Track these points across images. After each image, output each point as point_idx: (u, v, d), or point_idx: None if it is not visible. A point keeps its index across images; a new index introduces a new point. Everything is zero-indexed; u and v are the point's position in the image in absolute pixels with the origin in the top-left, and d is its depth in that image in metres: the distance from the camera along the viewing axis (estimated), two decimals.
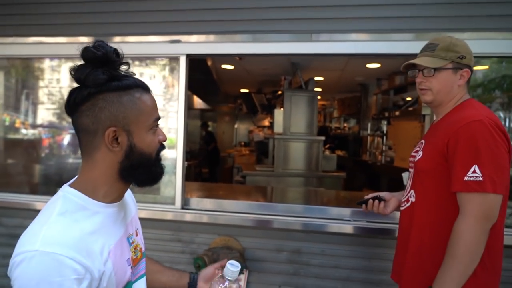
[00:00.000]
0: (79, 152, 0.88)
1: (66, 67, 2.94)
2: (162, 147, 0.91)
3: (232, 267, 0.87)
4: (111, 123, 0.82)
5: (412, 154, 1.53)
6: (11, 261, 0.75)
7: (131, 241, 0.94)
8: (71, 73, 0.82)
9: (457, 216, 1.29)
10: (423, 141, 1.48)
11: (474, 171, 1.23)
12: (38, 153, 3.09)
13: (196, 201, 2.56)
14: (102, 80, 0.80)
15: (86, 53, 0.80)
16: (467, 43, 1.41)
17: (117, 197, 0.90)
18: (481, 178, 1.22)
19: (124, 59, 0.86)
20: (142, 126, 0.85)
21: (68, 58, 2.82)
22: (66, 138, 3.02)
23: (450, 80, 1.39)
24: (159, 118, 0.90)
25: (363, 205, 1.68)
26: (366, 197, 1.68)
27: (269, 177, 4.59)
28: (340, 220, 2.36)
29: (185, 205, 2.53)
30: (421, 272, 1.38)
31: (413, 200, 1.44)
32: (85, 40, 2.60)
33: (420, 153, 1.43)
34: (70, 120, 0.86)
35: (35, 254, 0.72)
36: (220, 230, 2.45)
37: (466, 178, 1.24)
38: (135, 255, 0.94)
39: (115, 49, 0.83)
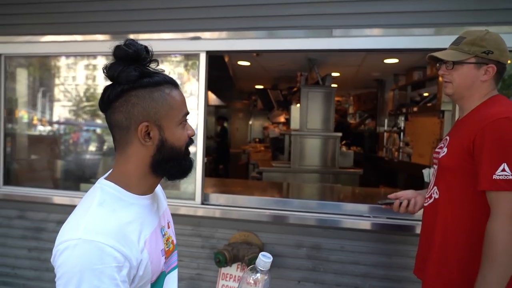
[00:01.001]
0: (98, 148, 0.92)
1: (82, 65, 3.00)
2: (191, 141, 0.94)
3: (265, 258, 0.88)
4: (144, 118, 0.85)
5: (436, 150, 1.52)
6: (54, 249, 0.78)
7: (163, 233, 0.97)
8: (103, 71, 0.85)
9: (483, 213, 1.28)
10: (447, 137, 1.46)
11: (504, 170, 1.21)
12: (58, 149, 3.17)
13: (215, 197, 2.59)
14: (134, 77, 0.83)
15: (118, 51, 0.83)
16: (501, 39, 1.38)
17: (149, 190, 0.93)
18: (511, 177, 1.21)
19: (152, 56, 0.88)
20: (172, 121, 0.88)
21: (84, 56, 2.88)
22: (85, 135, 3.08)
23: (471, 74, 1.37)
24: (188, 113, 0.93)
25: (387, 206, 1.64)
26: (390, 196, 1.65)
27: (285, 173, 4.60)
28: (360, 216, 2.36)
29: (204, 200, 2.56)
30: (445, 268, 1.37)
31: (436, 196, 1.43)
32: (101, 38, 2.65)
33: (445, 149, 1.41)
34: (86, 117, 0.89)
35: (78, 242, 0.75)
36: (239, 225, 2.48)
37: (495, 177, 1.22)
38: (167, 247, 0.97)
39: (146, 47, 0.86)
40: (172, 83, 0.90)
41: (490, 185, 1.23)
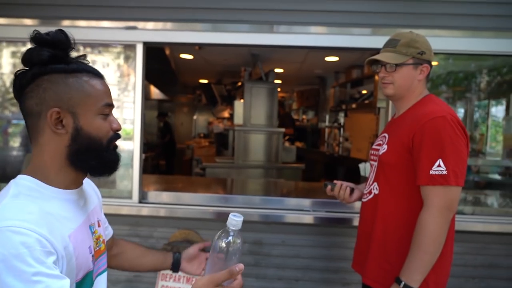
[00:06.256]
0: (25, 143, 0.84)
1: (7, 52, 2.71)
2: (117, 136, 0.89)
3: (235, 217, 0.85)
4: (55, 103, 0.80)
5: (374, 147, 1.56)
6: None
7: (93, 231, 0.91)
8: (21, 59, 0.82)
9: (420, 207, 1.34)
10: (386, 134, 1.51)
11: (439, 165, 1.28)
12: None
13: (154, 195, 2.49)
14: (45, 57, 0.79)
15: (35, 36, 0.80)
16: (427, 39, 1.46)
17: (73, 184, 0.87)
18: (445, 172, 1.28)
19: (75, 45, 0.84)
20: (89, 110, 0.83)
21: (9, 41, 2.60)
22: (11, 129, 2.80)
23: (410, 75, 1.43)
24: (110, 104, 0.88)
25: (328, 187, 1.64)
26: (335, 181, 1.65)
27: (229, 169, 4.57)
28: (300, 210, 2.40)
29: (142, 199, 2.45)
30: (386, 262, 1.42)
31: (376, 192, 1.47)
32: (30, 22, 2.41)
33: (385, 146, 1.45)
34: (13, 109, 0.83)
35: None
36: (180, 224, 2.40)
37: (431, 172, 1.29)
38: (97, 246, 0.91)
39: (64, 32, 0.82)
40: (93, 72, 0.86)
41: (427, 180, 1.30)
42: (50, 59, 0.80)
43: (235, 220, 0.84)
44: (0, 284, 0.66)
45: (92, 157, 0.84)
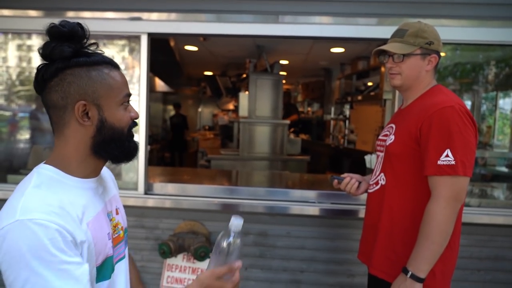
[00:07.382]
0: (31, 136, 0.86)
1: (13, 44, 2.72)
2: (134, 124, 0.93)
3: (237, 219, 0.91)
4: (81, 97, 0.83)
5: (381, 138, 1.55)
6: None
7: (110, 218, 0.94)
8: (39, 52, 0.83)
9: (427, 197, 1.33)
10: (393, 125, 1.49)
11: (447, 155, 1.28)
12: None
13: (159, 186, 2.50)
14: (68, 53, 0.81)
15: (52, 29, 0.81)
16: (435, 29, 1.44)
17: (92, 173, 0.91)
18: (453, 162, 1.27)
19: (89, 36, 0.87)
20: (112, 101, 0.86)
21: (14, 33, 2.60)
22: (18, 121, 2.82)
23: (418, 65, 1.41)
24: (130, 94, 0.91)
25: (335, 181, 1.65)
26: (343, 175, 1.66)
27: (234, 161, 4.58)
28: (305, 202, 2.40)
29: (148, 190, 2.46)
30: (392, 252, 1.42)
31: (383, 183, 1.47)
32: (35, 14, 2.40)
33: (392, 137, 1.44)
34: (20, 102, 0.84)
35: (15, 225, 0.72)
36: (185, 215, 2.41)
37: (439, 162, 1.28)
38: (116, 233, 0.95)
39: (79, 23, 0.84)
40: (111, 64, 0.89)
41: (435, 170, 1.29)
42: (72, 55, 0.82)
43: (236, 222, 0.92)
44: (30, 273, 0.70)
45: (116, 147, 0.88)
